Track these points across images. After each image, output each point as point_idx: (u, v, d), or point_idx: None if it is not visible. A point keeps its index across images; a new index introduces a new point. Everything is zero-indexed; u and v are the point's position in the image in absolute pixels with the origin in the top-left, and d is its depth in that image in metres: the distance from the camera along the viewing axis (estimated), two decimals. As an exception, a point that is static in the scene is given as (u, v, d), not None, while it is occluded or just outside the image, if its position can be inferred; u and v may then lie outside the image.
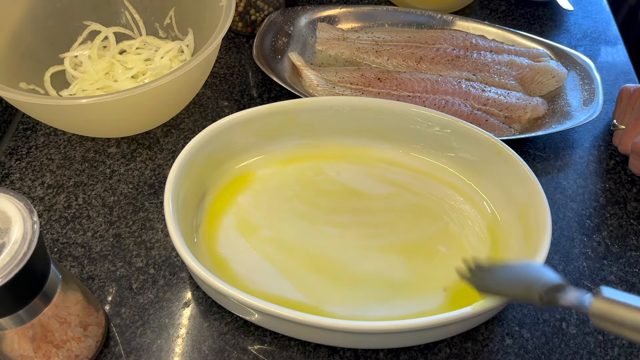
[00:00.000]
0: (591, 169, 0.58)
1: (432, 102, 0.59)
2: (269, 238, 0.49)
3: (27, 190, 0.54)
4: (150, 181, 0.55)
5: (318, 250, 0.49)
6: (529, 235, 0.46)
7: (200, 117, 0.61)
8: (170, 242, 0.50)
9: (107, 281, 0.48)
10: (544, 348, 0.46)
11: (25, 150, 0.57)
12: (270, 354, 0.45)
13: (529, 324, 0.47)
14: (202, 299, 0.47)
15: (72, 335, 0.40)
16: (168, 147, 0.58)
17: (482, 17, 0.74)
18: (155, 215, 0.52)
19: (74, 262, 0.49)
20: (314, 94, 0.60)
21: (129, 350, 0.44)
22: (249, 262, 0.48)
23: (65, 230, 0.51)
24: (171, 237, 0.42)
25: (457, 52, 0.64)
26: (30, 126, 0.60)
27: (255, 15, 0.68)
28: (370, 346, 0.45)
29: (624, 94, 0.58)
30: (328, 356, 0.45)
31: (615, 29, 0.74)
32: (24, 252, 0.33)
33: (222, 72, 0.66)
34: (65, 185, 0.55)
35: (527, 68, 0.63)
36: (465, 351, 0.45)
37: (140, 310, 0.47)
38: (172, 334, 0.45)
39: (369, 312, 0.45)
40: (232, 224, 0.50)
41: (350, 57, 0.66)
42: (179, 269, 0.49)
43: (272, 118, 0.52)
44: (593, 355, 0.45)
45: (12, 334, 0.37)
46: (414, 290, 0.46)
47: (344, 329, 0.39)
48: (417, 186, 0.53)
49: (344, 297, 0.46)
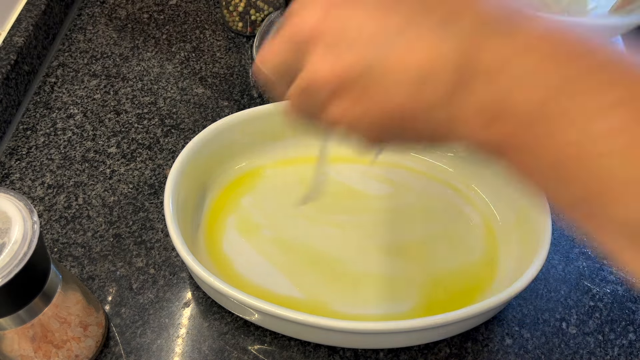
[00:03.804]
0: (591, 169, 0.58)
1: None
2: (269, 238, 0.49)
3: (27, 190, 0.54)
4: (150, 181, 0.55)
5: (318, 250, 0.49)
6: (529, 235, 0.46)
7: (200, 117, 0.61)
8: (171, 242, 0.50)
9: (107, 281, 0.48)
10: (544, 348, 0.46)
11: (25, 150, 0.57)
12: (270, 354, 0.45)
13: (529, 324, 0.47)
14: (202, 299, 0.47)
15: (72, 335, 0.40)
16: (168, 147, 0.58)
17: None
18: (155, 215, 0.52)
19: (74, 262, 0.49)
20: (314, 93, 0.60)
21: (129, 350, 0.44)
22: (248, 262, 0.48)
23: (65, 230, 0.51)
24: (171, 237, 0.42)
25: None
26: (30, 126, 0.60)
27: (255, 15, 0.68)
28: (370, 346, 0.45)
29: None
30: (328, 356, 0.45)
31: (616, 28, 0.74)
32: (24, 252, 0.33)
33: (222, 72, 0.66)
34: (65, 185, 0.55)
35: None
36: (465, 351, 0.45)
37: (140, 310, 0.47)
38: (172, 334, 0.45)
39: (369, 311, 0.45)
40: (233, 224, 0.50)
41: (350, 57, 0.66)
42: (179, 269, 0.49)
43: (272, 118, 0.52)
44: (593, 355, 0.45)
45: (12, 334, 0.37)
46: (414, 290, 0.46)
47: (344, 329, 0.39)
48: (417, 186, 0.53)
49: (344, 297, 0.46)
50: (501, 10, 0.22)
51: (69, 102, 0.62)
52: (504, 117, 0.22)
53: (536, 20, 0.22)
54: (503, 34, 0.22)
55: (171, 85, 0.64)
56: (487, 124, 0.23)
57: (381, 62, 0.24)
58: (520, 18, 0.22)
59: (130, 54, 0.67)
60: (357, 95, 0.25)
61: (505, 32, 0.22)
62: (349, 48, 0.24)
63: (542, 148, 0.21)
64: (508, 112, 0.22)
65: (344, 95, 0.25)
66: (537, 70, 0.21)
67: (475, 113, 0.23)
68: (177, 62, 0.67)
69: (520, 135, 0.22)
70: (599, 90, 0.20)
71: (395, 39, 0.23)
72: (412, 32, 0.23)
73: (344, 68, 0.25)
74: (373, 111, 0.25)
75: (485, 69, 0.22)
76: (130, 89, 0.63)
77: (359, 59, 0.24)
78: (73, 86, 0.64)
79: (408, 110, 0.24)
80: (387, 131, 0.26)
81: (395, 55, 0.23)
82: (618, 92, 0.19)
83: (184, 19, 0.72)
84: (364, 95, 0.25)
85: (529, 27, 0.22)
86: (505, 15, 0.22)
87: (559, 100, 0.20)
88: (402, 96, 0.24)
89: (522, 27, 0.22)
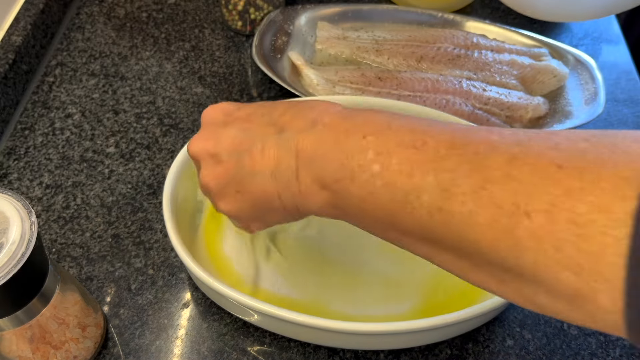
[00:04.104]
0: (592, 168, 0.58)
1: (433, 102, 0.58)
2: (268, 238, 0.49)
3: (25, 190, 0.54)
4: (149, 181, 0.55)
5: (318, 250, 0.48)
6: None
7: (200, 116, 0.61)
8: (169, 242, 0.49)
9: (106, 282, 0.48)
10: (545, 349, 0.45)
11: (23, 150, 0.57)
12: (270, 355, 0.44)
13: (530, 325, 0.46)
14: (201, 300, 0.47)
15: (70, 336, 0.40)
16: (167, 146, 0.58)
17: (483, 16, 0.73)
18: (154, 216, 0.52)
19: (73, 263, 0.49)
20: (314, 93, 0.60)
21: (128, 351, 0.44)
22: (248, 262, 0.47)
23: (63, 230, 0.51)
24: (170, 237, 0.42)
25: (458, 51, 0.63)
26: (29, 126, 0.59)
27: (255, 14, 0.67)
28: (370, 347, 0.45)
29: None
30: (328, 357, 0.44)
31: (617, 28, 0.74)
32: (22, 252, 0.32)
33: (222, 72, 0.65)
34: (64, 185, 0.54)
35: (528, 67, 0.62)
36: (466, 352, 0.45)
37: (139, 311, 0.46)
38: (171, 335, 0.45)
39: (370, 312, 0.45)
40: (231, 225, 0.50)
41: (350, 56, 0.65)
42: (177, 269, 0.49)
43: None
44: (594, 356, 0.45)
45: (10, 335, 0.37)
46: (414, 290, 0.46)
47: (344, 330, 0.39)
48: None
49: (344, 298, 0.46)
50: (316, 115, 0.32)
51: (67, 102, 0.62)
52: (326, 185, 0.31)
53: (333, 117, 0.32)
54: (312, 132, 0.32)
55: (170, 84, 0.64)
56: (318, 193, 0.31)
57: (244, 167, 0.34)
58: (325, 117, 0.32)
59: (128, 53, 0.67)
60: (232, 195, 0.35)
61: (314, 130, 0.32)
62: (221, 162, 0.35)
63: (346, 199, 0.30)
64: (325, 181, 0.31)
65: (224, 196, 0.36)
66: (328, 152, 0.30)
67: (309, 187, 0.32)
68: (176, 61, 0.66)
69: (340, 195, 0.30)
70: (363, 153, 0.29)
71: (250, 148, 0.33)
72: (260, 142, 0.33)
73: (219, 175, 0.35)
74: (246, 205, 0.35)
75: (305, 157, 0.31)
76: (128, 89, 0.63)
77: (228, 168, 0.34)
78: (71, 85, 0.63)
79: (268, 196, 0.34)
80: (261, 218, 0.36)
81: (251, 160, 0.33)
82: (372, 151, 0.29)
83: (182, 18, 0.72)
84: (236, 194, 0.35)
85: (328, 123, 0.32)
86: (311, 122, 0.32)
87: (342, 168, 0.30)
88: (263, 187, 0.33)
89: (325, 125, 0.31)
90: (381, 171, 0.28)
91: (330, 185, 0.30)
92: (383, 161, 0.28)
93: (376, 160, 0.28)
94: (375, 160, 0.28)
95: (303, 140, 0.32)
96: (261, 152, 0.33)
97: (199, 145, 0.36)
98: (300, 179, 0.32)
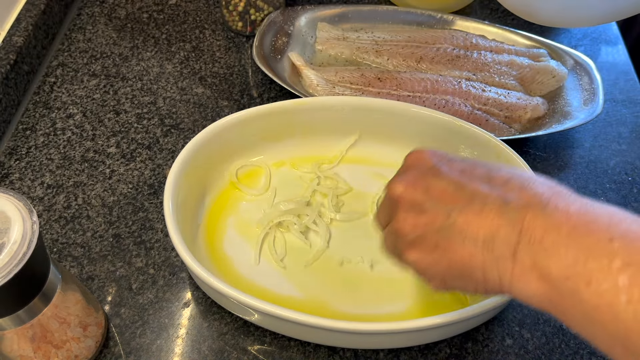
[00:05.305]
0: (591, 168, 0.58)
1: (432, 102, 0.59)
2: (269, 238, 0.49)
3: (27, 190, 0.54)
4: (150, 181, 0.55)
5: (318, 250, 0.48)
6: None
7: (200, 117, 0.61)
8: (170, 242, 0.50)
9: (107, 281, 0.48)
10: (544, 348, 0.45)
11: (24, 150, 0.57)
12: (270, 354, 0.45)
13: (529, 324, 0.47)
14: (202, 299, 0.47)
15: (71, 336, 0.40)
16: (168, 147, 0.58)
17: (482, 17, 0.74)
18: (154, 216, 0.52)
19: (74, 262, 0.49)
20: (314, 93, 0.60)
21: (129, 350, 0.44)
22: (248, 261, 0.48)
23: (64, 230, 0.51)
24: (171, 237, 0.42)
25: (457, 52, 0.64)
26: (30, 126, 0.59)
27: (255, 15, 0.67)
28: (370, 346, 0.45)
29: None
30: (328, 356, 0.45)
31: (616, 28, 0.74)
32: (23, 252, 0.33)
33: (222, 72, 0.66)
34: (65, 185, 0.55)
35: (527, 68, 0.63)
36: (466, 351, 0.45)
37: (140, 310, 0.46)
38: (172, 334, 0.45)
39: (369, 311, 0.45)
40: (232, 224, 0.50)
41: (350, 57, 0.66)
42: (178, 269, 0.49)
43: (272, 118, 0.52)
44: (593, 355, 0.45)
45: (11, 334, 0.37)
46: (414, 291, 0.46)
47: (344, 329, 0.39)
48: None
49: (344, 297, 0.46)
50: (546, 193, 0.30)
51: (69, 102, 0.62)
52: (548, 277, 0.28)
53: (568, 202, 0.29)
54: (544, 213, 0.29)
55: (171, 85, 0.64)
56: (534, 281, 0.29)
57: (454, 224, 0.31)
58: (558, 199, 0.29)
59: (129, 54, 0.67)
60: (429, 247, 0.33)
61: (546, 211, 0.29)
62: (426, 211, 0.33)
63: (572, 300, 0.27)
64: (550, 273, 0.28)
65: (418, 246, 0.33)
66: (561, 243, 0.27)
67: (525, 272, 0.29)
68: (177, 62, 0.67)
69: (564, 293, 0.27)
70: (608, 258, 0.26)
71: (464, 206, 0.31)
72: (478, 203, 0.31)
73: (422, 224, 0.33)
74: (441, 262, 0.32)
75: (530, 238, 0.29)
76: (129, 89, 0.63)
77: (433, 219, 0.32)
78: (72, 86, 0.63)
79: (472, 264, 0.31)
80: (450, 280, 0.33)
81: (464, 219, 0.31)
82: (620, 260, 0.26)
83: (183, 19, 0.72)
84: (435, 248, 0.32)
85: (563, 209, 0.29)
86: (541, 198, 0.30)
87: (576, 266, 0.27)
88: (469, 251, 0.31)
89: (558, 208, 0.29)
90: (629, 287, 0.25)
91: (554, 280, 0.28)
92: (632, 275, 0.25)
93: (624, 271, 0.25)
94: (622, 271, 0.25)
95: (532, 218, 0.29)
96: (478, 214, 0.30)
97: (404, 188, 0.34)
98: (517, 258, 0.29)
